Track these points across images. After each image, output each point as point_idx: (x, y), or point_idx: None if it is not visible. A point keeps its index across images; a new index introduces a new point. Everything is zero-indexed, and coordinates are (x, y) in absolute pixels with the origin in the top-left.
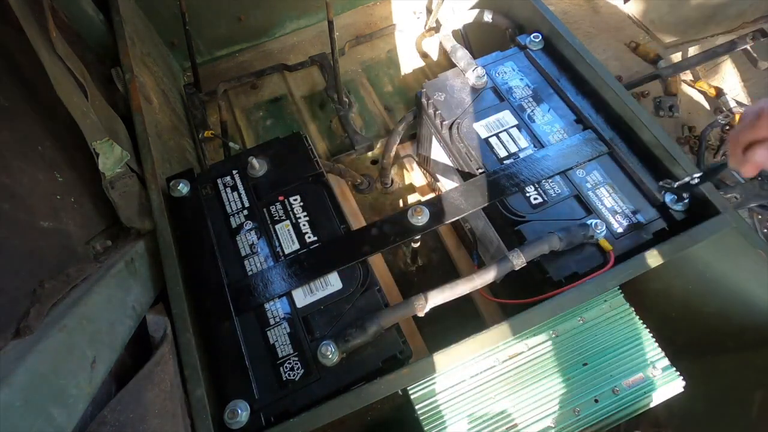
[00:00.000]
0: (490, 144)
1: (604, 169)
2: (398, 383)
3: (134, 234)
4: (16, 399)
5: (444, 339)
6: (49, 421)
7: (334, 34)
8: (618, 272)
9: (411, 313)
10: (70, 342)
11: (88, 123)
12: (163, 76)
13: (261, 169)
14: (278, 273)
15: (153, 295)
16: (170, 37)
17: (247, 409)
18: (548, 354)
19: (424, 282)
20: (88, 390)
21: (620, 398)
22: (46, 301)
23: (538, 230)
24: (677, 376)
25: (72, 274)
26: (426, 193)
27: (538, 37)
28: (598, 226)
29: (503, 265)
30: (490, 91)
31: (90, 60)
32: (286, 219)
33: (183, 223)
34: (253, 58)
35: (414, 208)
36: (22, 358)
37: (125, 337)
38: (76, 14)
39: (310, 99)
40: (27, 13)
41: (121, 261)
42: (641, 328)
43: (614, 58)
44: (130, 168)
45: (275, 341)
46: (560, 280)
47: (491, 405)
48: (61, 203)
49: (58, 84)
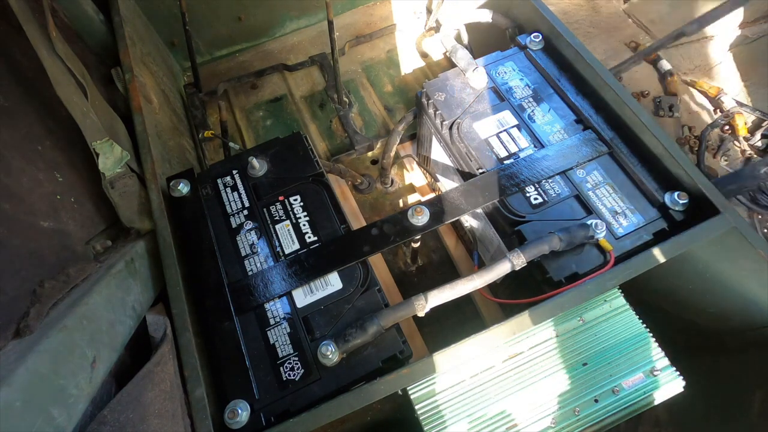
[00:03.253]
0: (490, 144)
1: (604, 169)
2: (398, 383)
3: (134, 234)
4: (16, 399)
5: (444, 339)
6: (49, 421)
7: (334, 34)
8: (618, 272)
9: (411, 313)
10: (70, 342)
11: (88, 123)
12: (163, 76)
13: (261, 169)
14: (278, 273)
15: (153, 295)
16: (170, 37)
17: (247, 409)
18: (548, 354)
19: (424, 282)
20: (88, 390)
21: (620, 398)
22: (46, 301)
23: (538, 230)
24: (677, 376)
25: (72, 274)
26: (426, 193)
27: (538, 37)
28: (598, 226)
29: (503, 265)
30: (490, 91)
31: (90, 60)
32: (286, 219)
33: (183, 223)
34: (253, 58)
35: (414, 208)
36: (22, 358)
37: (125, 337)
38: (76, 14)
39: (310, 99)
40: (27, 13)
41: (121, 261)
42: (641, 328)
43: (614, 58)
44: (130, 168)
45: (275, 341)
46: (560, 280)
47: (491, 405)
48: (61, 203)
49: (58, 84)
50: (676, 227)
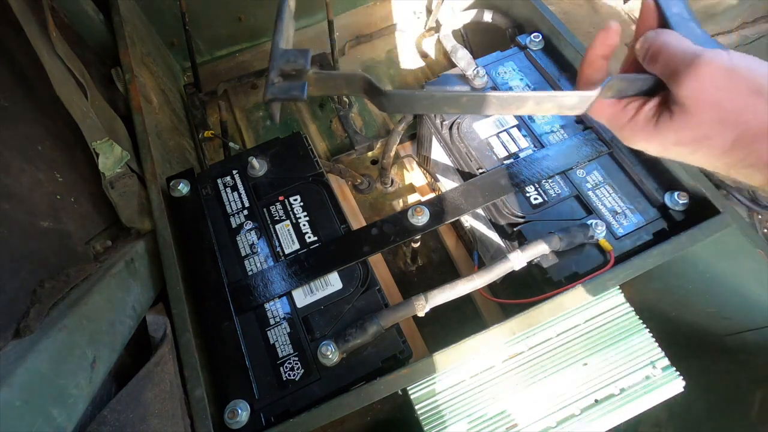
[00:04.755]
0: (490, 144)
1: (604, 169)
2: (398, 383)
3: (134, 234)
4: (16, 399)
5: (444, 339)
6: (49, 421)
7: (334, 34)
8: (618, 272)
9: (411, 313)
10: (70, 342)
11: (88, 123)
12: (163, 76)
13: (261, 169)
14: (278, 273)
15: (153, 295)
16: (170, 37)
17: (247, 409)
18: (548, 354)
19: (424, 282)
20: (88, 390)
21: (620, 398)
22: (46, 301)
23: (538, 230)
24: (677, 376)
25: (72, 274)
26: (426, 193)
27: (538, 37)
28: (598, 227)
29: (503, 265)
30: (490, 91)
31: (90, 60)
32: (286, 219)
33: (183, 223)
34: (253, 58)
35: (414, 208)
36: (22, 358)
37: (125, 337)
38: (76, 14)
39: (310, 99)
40: (27, 13)
41: (121, 261)
42: (641, 328)
43: (614, 58)
44: (130, 168)
45: (275, 341)
46: (560, 280)
47: (491, 405)
48: (61, 203)
49: (58, 84)
50: (676, 227)
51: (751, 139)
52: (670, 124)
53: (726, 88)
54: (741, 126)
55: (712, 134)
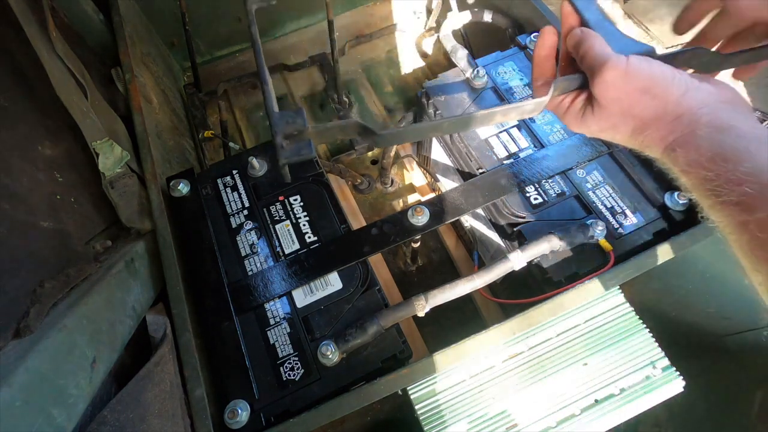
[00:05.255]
0: (490, 144)
1: (604, 169)
2: (398, 383)
3: (134, 234)
4: (16, 399)
5: (444, 339)
6: (49, 421)
7: (334, 34)
8: (618, 272)
9: (411, 313)
10: (70, 342)
11: (88, 123)
12: (163, 76)
13: (261, 169)
14: (278, 273)
15: (153, 295)
16: (170, 37)
17: (247, 409)
18: (548, 354)
19: (424, 282)
20: (88, 390)
21: (620, 398)
22: (46, 301)
23: (538, 230)
24: (677, 376)
25: (72, 274)
26: (426, 193)
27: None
28: (598, 226)
29: (503, 265)
30: (490, 91)
31: (90, 60)
32: (286, 219)
33: (183, 223)
34: (252, 58)
35: (414, 208)
36: (22, 358)
37: (125, 337)
38: (76, 14)
39: (310, 99)
40: (27, 13)
41: (121, 261)
42: (641, 328)
43: None
44: (130, 168)
45: (275, 341)
46: (560, 280)
47: (491, 405)
48: (61, 203)
49: (58, 84)
50: (676, 227)
51: (644, 127)
52: (592, 116)
53: (622, 88)
54: (636, 118)
55: (618, 124)
